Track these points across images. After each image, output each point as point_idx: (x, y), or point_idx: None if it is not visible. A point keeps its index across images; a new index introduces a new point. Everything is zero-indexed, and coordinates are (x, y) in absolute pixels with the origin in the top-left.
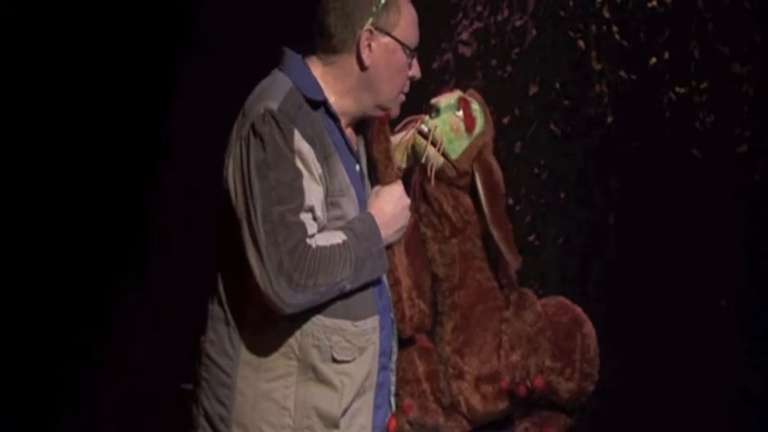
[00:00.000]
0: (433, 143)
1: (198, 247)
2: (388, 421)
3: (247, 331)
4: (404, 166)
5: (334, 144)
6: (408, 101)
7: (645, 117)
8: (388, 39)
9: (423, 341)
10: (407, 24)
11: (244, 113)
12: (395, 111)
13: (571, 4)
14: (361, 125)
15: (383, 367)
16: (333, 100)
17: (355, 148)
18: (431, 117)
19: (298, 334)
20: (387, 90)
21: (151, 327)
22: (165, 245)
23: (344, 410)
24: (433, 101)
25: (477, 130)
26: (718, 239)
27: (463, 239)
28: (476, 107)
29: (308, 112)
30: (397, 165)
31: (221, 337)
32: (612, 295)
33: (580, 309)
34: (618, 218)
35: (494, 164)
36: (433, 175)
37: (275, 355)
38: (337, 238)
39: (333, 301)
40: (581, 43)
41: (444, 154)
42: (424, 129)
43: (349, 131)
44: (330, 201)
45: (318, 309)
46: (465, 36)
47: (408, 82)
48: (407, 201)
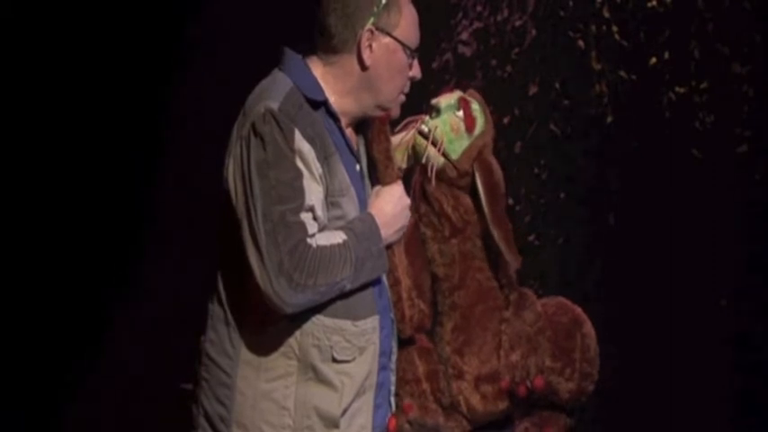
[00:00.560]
0: (434, 143)
1: (198, 247)
2: (387, 421)
3: (247, 331)
4: (404, 166)
5: (335, 144)
6: (408, 101)
7: (645, 117)
8: (388, 39)
9: (422, 341)
10: (408, 25)
11: (244, 113)
12: (395, 111)
13: (571, 4)
14: (362, 125)
15: (383, 367)
16: (333, 100)
17: (355, 147)
18: (431, 117)
19: (298, 334)
20: (387, 90)
21: (151, 327)
22: (165, 245)
23: (344, 410)
24: (434, 101)
25: (477, 130)
26: (717, 239)
27: (463, 239)
28: (476, 107)
29: (308, 111)
30: (397, 165)
31: (221, 337)
32: (612, 295)
33: (580, 309)
34: (618, 218)
35: (494, 164)
36: (433, 176)
37: (275, 355)
38: (337, 237)
39: (333, 301)
40: (581, 43)
41: (445, 154)
42: (424, 129)
43: (349, 131)
44: (330, 200)
45: (318, 308)
46: (465, 36)
47: (409, 82)
48: (407, 201)
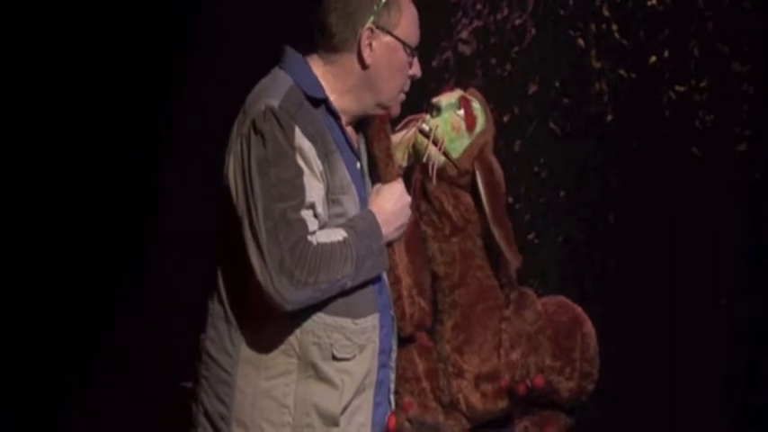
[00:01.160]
0: (435, 142)
1: (198, 246)
2: (387, 419)
3: (248, 329)
4: (404, 164)
5: (335, 142)
6: (408, 99)
7: (644, 116)
8: (389, 38)
9: (423, 339)
10: (408, 23)
11: (244, 111)
12: (395, 109)
13: (571, 2)
14: (362, 123)
15: (383, 365)
16: (333, 98)
17: (356, 145)
18: (432, 116)
19: (298, 332)
20: (387, 89)
21: (151, 326)
22: (165, 244)
23: (344, 408)
24: (434, 100)
25: (478, 128)
26: (717, 238)
27: (463, 238)
28: (477, 106)
29: (308, 109)
30: (397, 163)
31: (221, 335)
32: (612, 294)
33: (580, 308)
34: (617, 216)
35: (494, 163)
36: (434, 174)
37: (275, 353)
38: (338, 235)
39: (333, 299)
40: (581, 42)
41: (446, 153)
42: (425, 128)
43: (350, 129)
44: (331, 198)
45: (319, 306)
46: (465, 35)
47: (409, 81)
48: (408, 199)
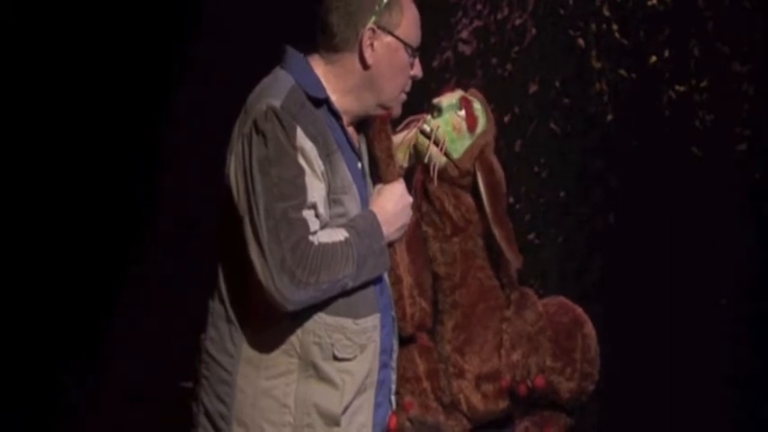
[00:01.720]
0: (436, 143)
1: (198, 246)
2: (388, 419)
3: (248, 328)
4: (405, 165)
5: (337, 142)
6: (408, 99)
7: (645, 115)
8: (390, 38)
9: (423, 339)
10: (410, 24)
11: (246, 111)
12: (396, 110)
13: (571, 2)
14: (363, 124)
15: (384, 365)
16: (334, 99)
17: (357, 145)
18: (433, 116)
19: (299, 331)
20: (389, 89)
21: (151, 326)
22: (165, 244)
23: (345, 408)
24: (435, 100)
25: (479, 129)
26: (718, 238)
27: (464, 238)
28: (478, 106)
29: (310, 109)
30: (398, 164)
31: (222, 335)
32: (612, 294)
33: (581, 309)
34: (618, 216)
35: (495, 163)
36: (435, 175)
37: (276, 353)
38: (339, 235)
39: (334, 299)
40: (581, 42)
41: (447, 153)
42: (426, 128)
43: (351, 130)
44: (332, 198)
45: (320, 306)
46: (465, 34)
47: (410, 81)
48: (409, 199)
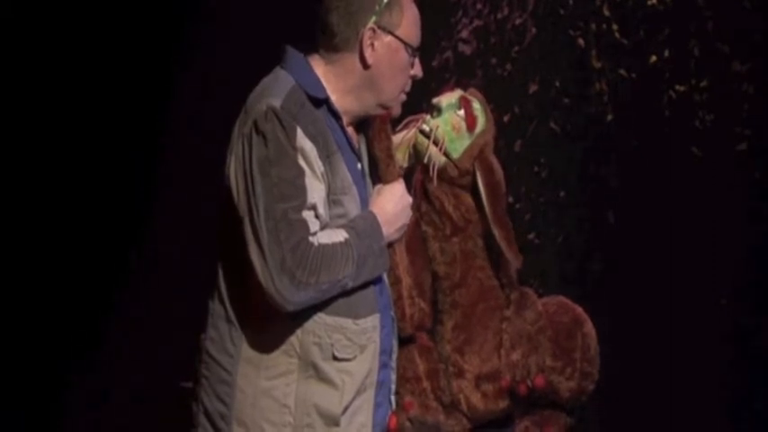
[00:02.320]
0: (435, 142)
1: (198, 246)
2: (388, 419)
3: (248, 329)
4: (405, 165)
5: (337, 142)
6: (408, 99)
7: (645, 115)
8: (390, 38)
9: (423, 339)
10: (410, 23)
11: (246, 111)
12: (396, 110)
13: (571, 2)
14: (363, 124)
15: (384, 365)
16: (335, 99)
17: (357, 146)
18: (432, 116)
19: (299, 332)
20: (389, 89)
21: (151, 326)
22: (165, 244)
23: (345, 408)
24: (435, 100)
25: (478, 128)
26: (718, 238)
27: (464, 238)
28: (477, 106)
29: (310, 109)
30: (398, 164)
31: (222, 335)
32: (612, 294)
33: (581, 308)
34: (617, 216)
35: (495, 163)
36: (435, 175)
37: (276, 353)
38: (339, 235)
39: (334, 299)
40: (581, 41)
41: (446, 153)
42: (425, 128)
43: (350, 130)
44: (332, 198)
45: (320, 306)
46: (465, 34)
47: (410, 81)
48: (409, 199)
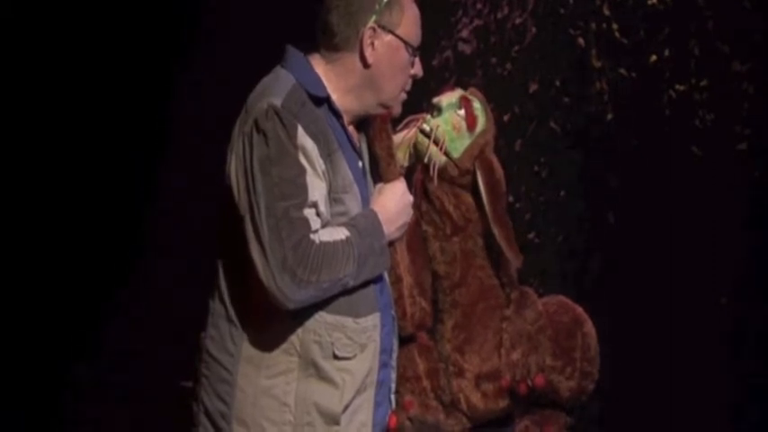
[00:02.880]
0: (436, 142)
1: (198, 246)
2: (388, 418)
3: (249, 328)
4: (406, 164)
5: (338, 141)
6: (408, 99)
7: (645, 115)
8: (390, 37)
9: (423, 339)
10: (410, 23)
11: (246, 110)
12: (396, 109)
13: (571, 1)
14: (363, 123)
15: (384, 364)
16: (335, 98)
17: (358, 145)
18: (432, 116)
19: (299, 330)
20: (389, 88)
21: (151, 326)
22: (166, 244)
23: (345, 407)
24: (435, 100)
25: (478, 128)
26: (718, 238)
27: (464, 237)
28: (477, 106)
29: (311, 108)
30: (399, 163)
31: (222, 334)
32: (612, 294)
33: (581, 308)
34: (618, 216)
35: (495, 162)
36: (435, 174)
37: (276, 352)
38: (340, 234)
39: (335, 298)
40: (581, 41)
41: (446, 153)
42: (426, 128)
43: (351, 129)
44: (333, 197)
45: (320, 305)
46: (465, 34)
47: (410, 80)
48: (410, 198)
